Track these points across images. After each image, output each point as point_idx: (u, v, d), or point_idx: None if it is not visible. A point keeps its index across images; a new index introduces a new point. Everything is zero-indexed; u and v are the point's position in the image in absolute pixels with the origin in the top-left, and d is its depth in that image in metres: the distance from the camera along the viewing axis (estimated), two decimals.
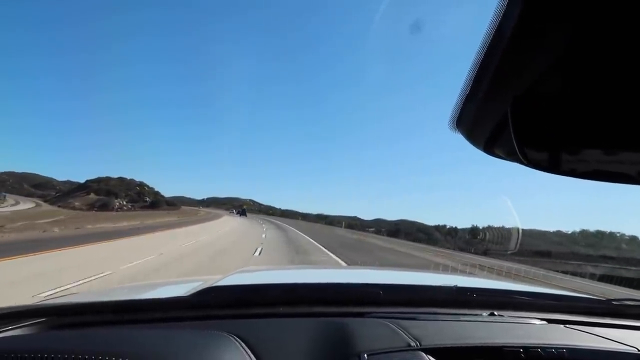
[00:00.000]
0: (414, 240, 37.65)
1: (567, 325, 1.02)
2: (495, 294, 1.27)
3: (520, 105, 0.37)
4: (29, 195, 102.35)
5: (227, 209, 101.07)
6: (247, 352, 0.74)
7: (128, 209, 73.88)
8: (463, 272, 9.19)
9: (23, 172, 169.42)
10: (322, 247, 15.90)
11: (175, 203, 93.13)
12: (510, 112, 0.37)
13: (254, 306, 1.03)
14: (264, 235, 20.22)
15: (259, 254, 11.64)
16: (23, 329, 0.79)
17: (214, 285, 1.12)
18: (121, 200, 77.95)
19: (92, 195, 74.80)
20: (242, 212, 70.44)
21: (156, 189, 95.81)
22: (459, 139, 0.43)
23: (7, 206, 69.55)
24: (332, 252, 13.72)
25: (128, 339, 0.74)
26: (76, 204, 70.83)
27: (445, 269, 10.21)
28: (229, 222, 34.78)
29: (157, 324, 0.91)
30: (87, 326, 0.88)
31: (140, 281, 5.41)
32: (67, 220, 25.46)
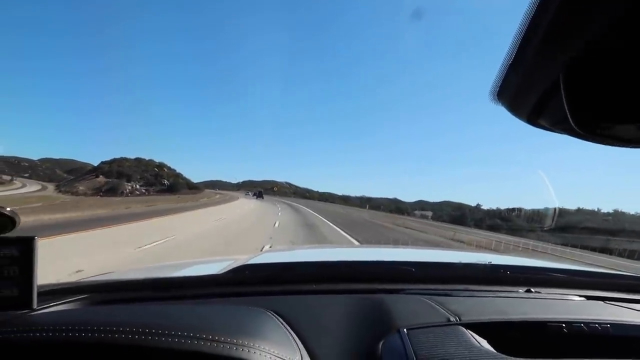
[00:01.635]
0: (491, 229, 28.84)
1: (607, 302, 0.99)
2: (530, 271, 1.25)
3: (573, 71, 0.34)
4: (60, 180, 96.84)
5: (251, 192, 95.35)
6: (285, 327, 0.75)
7: (140, 194, 63.36)
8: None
9: (60, 158, 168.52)
10: None
11: (198, 187, 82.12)
12: (563, 78, 0.34)
13: (287, 283, 1.04)
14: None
15: None
16: (67, 304, 0.83)
17: (247, 263, 1.16)
18: (134, 184, 67.52)
19: (101, 178, 64.74)
20: (258, 195, 65.30)
21: (178, 171, 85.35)
22: (499, 111, 0.41)
23: (9, 189, 64.79)
24: None
25: (168, 314, 0.76)
26: (80, 188, 61.01)
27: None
28: (234, 209, 26.22)
29: (195, 301, 0.92)
30: (127, 302, 0.91)
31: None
32: (42, 207, 19.51)
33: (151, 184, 70.40)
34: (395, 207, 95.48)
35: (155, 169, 76.86)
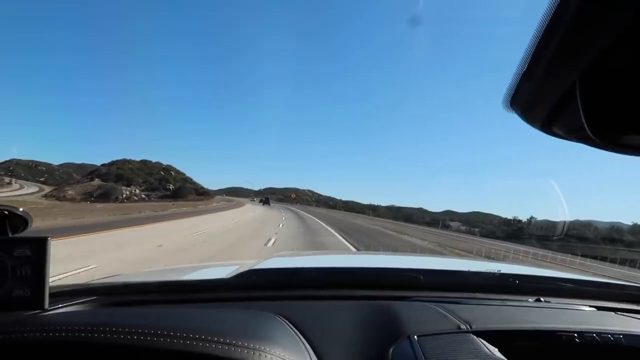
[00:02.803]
0: (540, 246, 22.10)
1: (618, 312, 0.99)
2: (540, 281, 1.24)
3: (589, 79, 0.33)
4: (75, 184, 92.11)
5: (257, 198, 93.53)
6: (295, 332, 0.75)
7: (139, 199, 55.23)
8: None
9: (82, 163, 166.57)
10: None
11: (208, 192, 73.46)
12: (579, 85, 0.34)
13: (294, 289, 1.04)
14: None
15: None
16: (78, 305, 0.83)
17: (254, 267, 1.16)
18: (134, 188, 59.58)
19: (97, 182, 57.16)
20: (265, 201, 65.11)
21: (187, 175, 77.24)
22: (513, 119, 0.40)
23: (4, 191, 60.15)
24: None
25: (179, 317, 0.76)
26: (69, 192, 53.51)
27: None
28: (229, 218, 21.82)
29: (203, 304, 0.93)
30: (136, 305, 0.91)
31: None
32: None
33: (154, 188, 62.38)
34: (430, 218, 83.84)
35: (161, 172, 68.91)
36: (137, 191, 59.39)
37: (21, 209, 0.70)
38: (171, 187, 63.90)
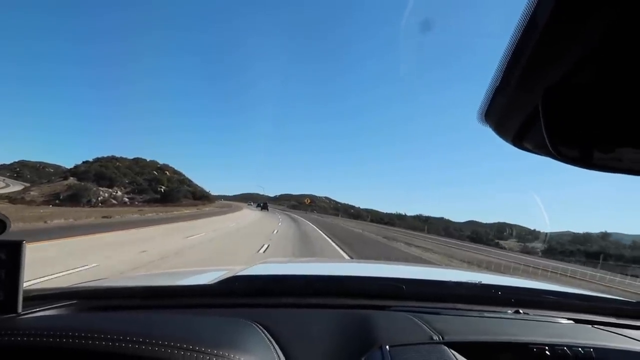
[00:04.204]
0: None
1: (595, 326, 1.00)
2: (520, 292, 1.24)
3: (552, 97, 0.34)
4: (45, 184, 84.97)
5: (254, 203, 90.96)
6: (269, 340, 0.75)
7: (118, 203, 45.30)
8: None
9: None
10: None
11: (208, 196, 63.18)
12: (542, 104, 0.35)
13: (276, 296, 1.04)
14: None
15: None
16: (53, 310, 0.82)
17: (237, 274, 1.18)
18: (115, 190, 49.76)
19: (71, 181, 47.63)
20: (263, 206, 63.30)
21: (186, 176, 67.25)
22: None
23: None
24: None
25: (155, 323, 0.76)
26: (32, 193, 44.03)
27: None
28: (213, 226, 18.03)
29: (183, 310, 0.93)
30: (115, 309, 0.90)
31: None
32: None
33: (141, 190, 52.46)
34: (472, 231, 70.29)
35: (154, 172, 59.02)
36: (119, 193, 49.48)
37: None
38: (162, 189, 53.73)
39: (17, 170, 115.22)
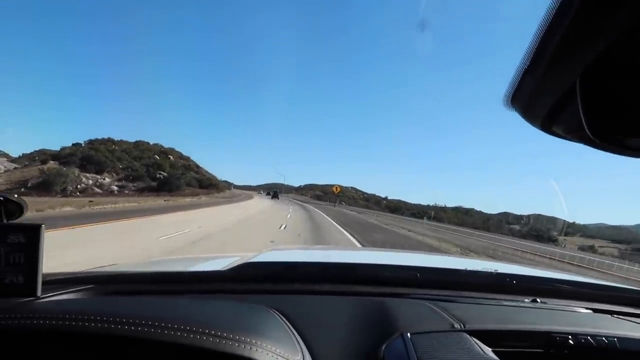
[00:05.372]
0: None
1: (614, 315, 0.98)
2: (537, 281, 1.24)
3: (591, 77, 0.32)
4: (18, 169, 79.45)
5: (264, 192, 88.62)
6: (288, 326, 0.75)
7: (104, 192, 36.99)
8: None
9: None
10: None
11: (215, 184, 54.27)
12: (579, 84, 0.33)
13: (291, 282, 1.03)
14: None
15: None
16: (71, 294, 0.83)
17: (250, 260, 1.15)
18: (105, 176, 41.53)
19: (52, 165, 39.84)
20: (273, 195, 62.25)
21: (194, 161, 58.64)
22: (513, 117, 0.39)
23: None
24: None
25: (173, 308, 0.76)
26: None
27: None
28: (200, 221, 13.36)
29: (199, 296, 0.93)
30: (130, 295, 0.91)
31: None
32: None
33: (137, 177, 43.99)
34: (531, 228, 58.08)
35: (156, 157, 50.52)
36: (107, 180, 41.13)
37: (16, 196, 0.69)
38: (162, 175, 45.05)
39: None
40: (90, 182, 39.23)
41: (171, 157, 53.20)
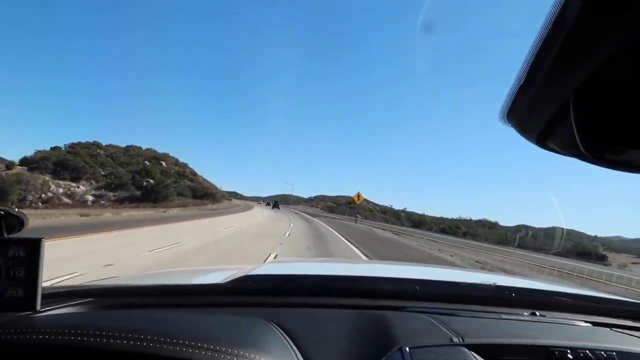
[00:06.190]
0: None
1: (613, 329, 0.98)
2: (536, 294, 1.22)
3: (584, 94, 0.33)
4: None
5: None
6: (286, 340, 0.75)
7: (73, 202, 31.14)
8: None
9: None
10: None
11: (212, 194, 47.95)
12: (573, 101, 0.33)
13: (290, 295, 1.03)
14: None
15: None
16: (71, 307, 0.84)
17: (250, 273, 1.17)
18: (79, 185, 35.73)
19: (18, 170, 34.26)
20: (274, 205, 63.12)
21: (191, 168, 52.74)
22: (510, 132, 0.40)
23: None
24: None
25: (171, 321, 0.76)
26: None
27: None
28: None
29: (197, 309, 0.94)
30: (129, 308, 0.91)
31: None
32: None
33: (120, 185, 38.09)
34: (576, 244, 49.83)
35: (146, 162, 44.71)
36: (81, 188, 35.20)
37: (16, 210, 0.70)
38: (149, 182, 39.03)
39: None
40: (61, 190, 33.40)
41: (164, 164, 47.36)
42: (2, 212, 0.68)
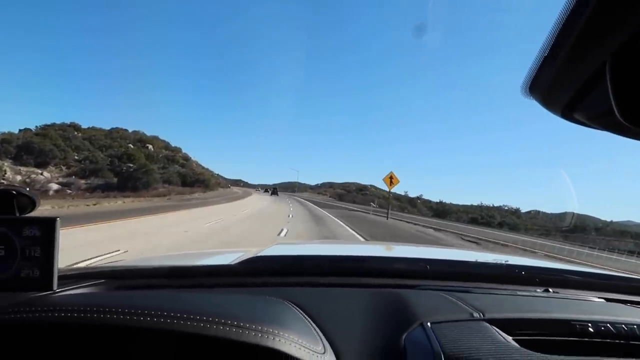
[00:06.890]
0: None
1: (628, 304, 0.98)
2: (547, 272, 1.24)
3: (621, 60, 0.30)
4: None
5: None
6: (305, 317, 0.75)
7: (36, 190, 25.75)
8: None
9: None
10: None
11: (204, 180, 42.42)
12: (610, 67, 0.31)
13: (301, 275, 1.03)
14: None
15: None
16: (85, 288, 0.84)
17: (259, 254, 1.18)
18: (44, 171, 30.55)
19: None
20: (273, 192, 65.25)
21: (183, 152, 47.27)
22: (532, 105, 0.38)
23: None
24: None
25: (187, 300, 0.76)
26: None
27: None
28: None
29: (210, 289, 0.94)
30: (143, 289, 0.92)
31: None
32: None
33: (95, 170, 32.86)
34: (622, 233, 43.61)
35: (130, 146, 39.29)
36: (45, 176, 29.98)
37: (28, 189, 0.70)
38: (129, 167, 33.60)
39: None
40: (19, 178, 28.21)
41: (150, 147, 41.93)
42: (14, 192, 0.68)
